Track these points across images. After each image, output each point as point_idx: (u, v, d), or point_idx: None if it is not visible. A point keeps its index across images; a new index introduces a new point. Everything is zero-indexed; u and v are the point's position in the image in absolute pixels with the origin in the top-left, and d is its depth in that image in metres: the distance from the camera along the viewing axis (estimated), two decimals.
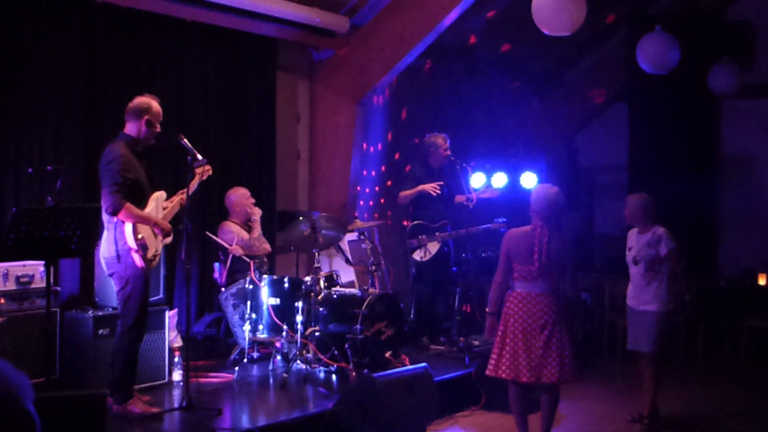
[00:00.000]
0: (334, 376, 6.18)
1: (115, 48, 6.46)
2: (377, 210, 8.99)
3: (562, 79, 11.07)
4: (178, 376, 5.88)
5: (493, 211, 7.83)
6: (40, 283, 5.39)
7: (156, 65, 6.76)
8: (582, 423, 6.09)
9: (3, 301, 5.27)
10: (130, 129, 5.14)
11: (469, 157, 8.01)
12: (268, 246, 6.90)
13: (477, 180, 7.99)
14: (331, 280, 6.78)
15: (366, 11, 7.94)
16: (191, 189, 5.26)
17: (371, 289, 6.60)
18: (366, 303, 6.22)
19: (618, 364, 7.87)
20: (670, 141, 9.67)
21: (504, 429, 5.78)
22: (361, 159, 8.55)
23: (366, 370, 5.99)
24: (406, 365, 6.14)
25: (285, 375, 5.97)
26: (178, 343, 6.07)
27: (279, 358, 6.47)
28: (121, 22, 6.45)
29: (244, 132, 7.50)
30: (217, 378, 6.09)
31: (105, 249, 5.04)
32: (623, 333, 6.78)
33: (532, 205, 5.16)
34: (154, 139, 5.22)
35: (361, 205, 8.72)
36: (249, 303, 6.26)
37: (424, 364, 5.73)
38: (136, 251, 4.91)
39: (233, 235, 6.63)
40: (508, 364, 5.03)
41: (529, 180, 8.53)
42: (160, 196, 5.23)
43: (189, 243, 5.15)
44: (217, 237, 6.65)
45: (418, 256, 7.32)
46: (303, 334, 6.15)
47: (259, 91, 7.62)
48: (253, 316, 6.27)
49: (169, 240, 5.24)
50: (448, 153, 7.41)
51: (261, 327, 6.34)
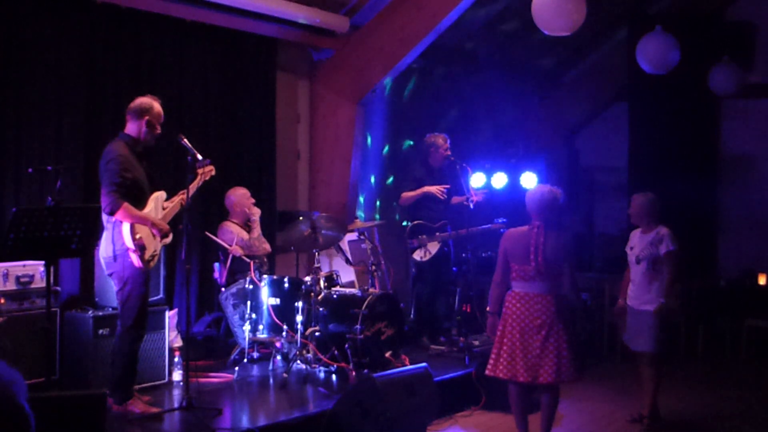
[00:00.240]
0: (334, 376, 6.18)
1: (115, 48, 6.46)
2: (377, 210, 8.99)
3: (562, 79, 11.06)
4: (178, 376, 5.88)
5: (493, 211, 7.82)
6: (40, 283, 5.39)
7: (156, 65, 6.76)
8: (582, 423, 6.09)
9: (3, 301, 5.27)
10: (130, 129, 5.14)
11: (469, 157, 8.01)
12: (267, 246, 6.90)
13: (477, 180, 7.99)
14: (331, 280, 6.78)
15: (366, 11, 7.94)
16: (192, 189, 5.26)
17: (371, 289, 6.60)
18: (366, 303, 6.22)
19: (618, 364, 7.86)
20: (670, 141, 9.66)
21: (504, 429, 5.78)
22: (362, 159, 8.54)
23: (366, 370, 6.00)
24: (406, 365, 6.15)
25: (285, 375, 5.98)
26: (178, 343, 6.07)
27: (279, 358, 6.47)
28: (121, 22, 6.45)
29: (244, 132, 7.50)
30: (217, 378, 6.08)
31: (104, 249, 5.04)
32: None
33: (527, 205, 5.18)
34: (155, 140, 5.22)
35: (361, 204, 8.73)
36: (249, 303, 6.26)
37: (424, 364, 5.73)
38: (134, 251, 4.91)
39: (233, 236, 6.63)
40: (505, 363, 5.05)
41: (529, 180, 8.53)
42: (159, 196, 5.23)
43: (189, 243, 5.15)
44: (216, 237, 6.65)
45: (418, 256, 7.32)
46: (303, 334, 6.15)
47: (259, 91, 7.62)
48: (253, 316, 6.27)
49: (168, 240, 5.24)
50: (448, 153, 7.41)
51: (261, 327, 6.34)
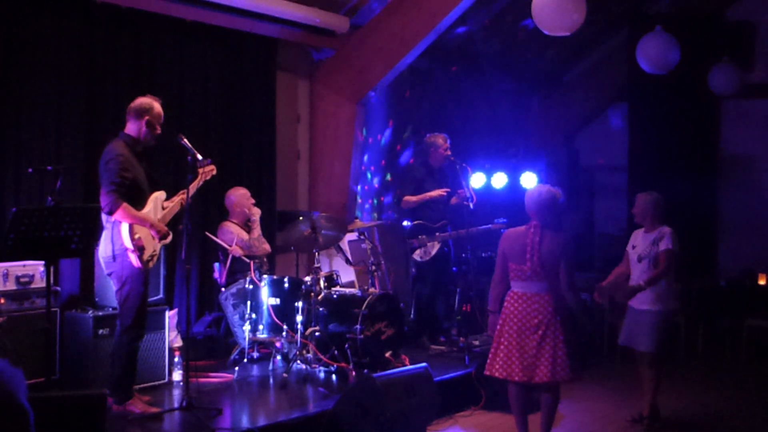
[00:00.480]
0: (334, 376, 6.18)
1: (115, 48, 6.45)
2: (377, 210, 8.99)
3: (562, 79, 11.07)
4: (178, 376, 5.88)
5: (493, 212, 7.82)
6: (40, 283, 5.39)
7: (156, 65, 6.76)
8: (582, 423, 6.09)
9: (3, 301, 5.27)
10: (130, 129, 5.14)
11: (469, 157, 8.01)
12: (267, 246, 6.90)
13: (477, 180, 7.99)
14: (331, 280, 6.78)
15: (366, 11, 7.95)
16: (193, 189, 5.25)
17: (371, 289, 6.60)
18: (366, 303, 6.22)
19: (618, 364, 7.86)
20: (670, 141, 9.66)
21: (504, 429, 5.78)
22: (362, 159, 8.54)
23: (366, 370, 5.99)
24: (406, 365, 6.15)
25: (285, 375, 5.98)
26: (178, 343, 6.07)
27: (279, 358, 6.47)
28: (121, 22, 6.45)
29: (244, 132, 7.50)
30: (217, 378, 6.08)
31: (103, 249, 5.04)
32: None
33: (526, 205, 5.19)
34: (155, 140, 5.22)
35: (361, 203, 8.73)
36: (249, 303, 6.26)
37: (424, 364, 5.73)
38: (133, 251, 4.91)
39: (233, 236, 6.63)
40: (501, 363, 5.05)
41: (529, 180, 8.53)
42: (159, 196, 5.23)
43: (189, 243, 5.14)
44: (216, 237, 6.65)
45: (418, 256, 7.32)
46: (303, 334, 6.15)
47: (259, 91, 7.62)
48: (253, 316, 6.27)
49: (167, 241, 5.24)
50: (448, 153, 7.41)
51: (261, 327, 6.34)
